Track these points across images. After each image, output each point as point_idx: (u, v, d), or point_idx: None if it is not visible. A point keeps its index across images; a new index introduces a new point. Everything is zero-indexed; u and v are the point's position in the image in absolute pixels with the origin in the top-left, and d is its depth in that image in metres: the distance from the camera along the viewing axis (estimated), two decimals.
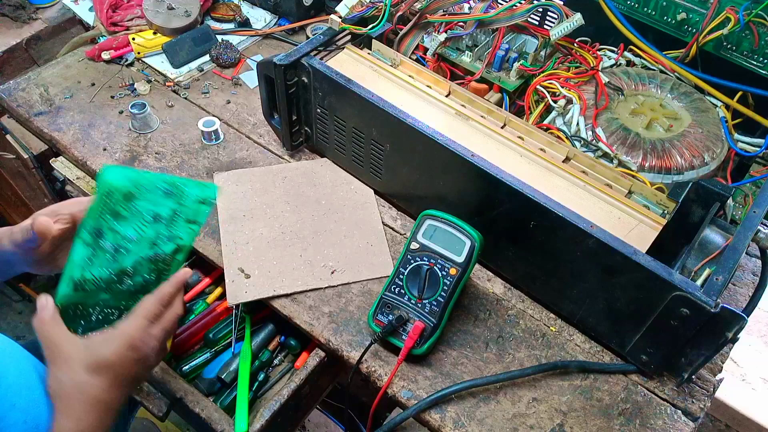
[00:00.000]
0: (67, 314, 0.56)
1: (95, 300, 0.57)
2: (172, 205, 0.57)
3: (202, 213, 0.59)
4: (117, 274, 0.57)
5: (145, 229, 0.57)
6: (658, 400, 0.64)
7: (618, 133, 0.73)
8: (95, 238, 0.55)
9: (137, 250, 0.57)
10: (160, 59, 1.00)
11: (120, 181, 0.55)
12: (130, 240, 0.57)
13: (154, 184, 0.57)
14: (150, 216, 0.57)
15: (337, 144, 0.81)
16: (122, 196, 0.55)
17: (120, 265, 0.57)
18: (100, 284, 0.57)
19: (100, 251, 0.56)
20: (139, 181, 0.56)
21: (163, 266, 0.59)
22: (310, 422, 1.35)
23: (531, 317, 0.71)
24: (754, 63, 0.78)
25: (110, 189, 0.55)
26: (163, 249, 0.58)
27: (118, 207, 0.56)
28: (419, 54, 0.84)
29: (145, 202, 0.56)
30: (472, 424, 0.62)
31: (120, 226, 0.56)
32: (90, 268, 0.56)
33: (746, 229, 0.58)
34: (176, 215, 0.58)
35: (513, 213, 0.64)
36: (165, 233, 0.58)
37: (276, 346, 0.77)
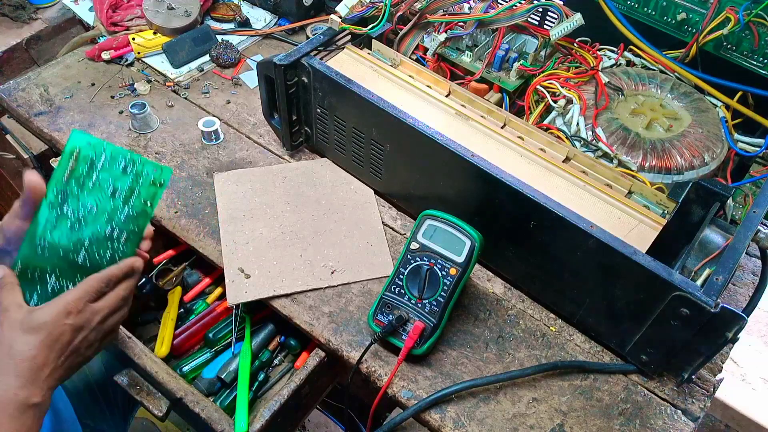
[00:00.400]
0: (26, 276, 0.58)
1: (53, 266, 0.58)
2: (129, 182, 0.60)
3: (156, 196, 0.61)
4: (74, 244, 0.59)
5: (104, 202, 0.59)
6: (658, 400, 0.64)
7: (618, 133, 0.73)
8: (60, 203, 0.57)
9: (95, 222, 0.59)
10: (160, 59, 1.00)
11: (86, 148, 0.58)
12: (90, 211, 0.59)
13: (114, 156, 0.59)
14: (108, 190, 0.59)
15: (337, 144, 0.81)
16: (87, 163, 0.58)
17: (78, 235, 0.59)
18: (59, 251, 0.58)
19: (63, 217, 0.58)
20: (102, 150, 0.59)
21: (117, 246, 0.60)
22: (310, 422, 1.35)
23: (531, 317, 0.71)
24: (754, 63, 0.78)
25: (77, 153, 0.57)
26: (119, 227, 0.60)
27: (82, 174, 0.58)
28: (419, 54, 0.84)
29: (105, 173, 0.59)
30: (472, 424, 0.62)
31: (82, 195, 0.58)
32: (52, 231, 0.57)
33: (746, 229, 0.58)
34: (132, 193, 0.60)
35: (513, 213, 0.64)
36: (121, 210, 0.60)
37: (276, 346, 0.77)
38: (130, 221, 0.60)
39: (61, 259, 0.58)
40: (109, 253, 0.60)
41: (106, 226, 0.59)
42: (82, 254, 0.59)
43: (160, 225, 0.78)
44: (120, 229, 0.60)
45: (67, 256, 0.58)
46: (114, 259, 0.60)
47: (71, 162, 0.57)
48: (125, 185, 0.60)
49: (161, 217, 0.78)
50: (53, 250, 0.57)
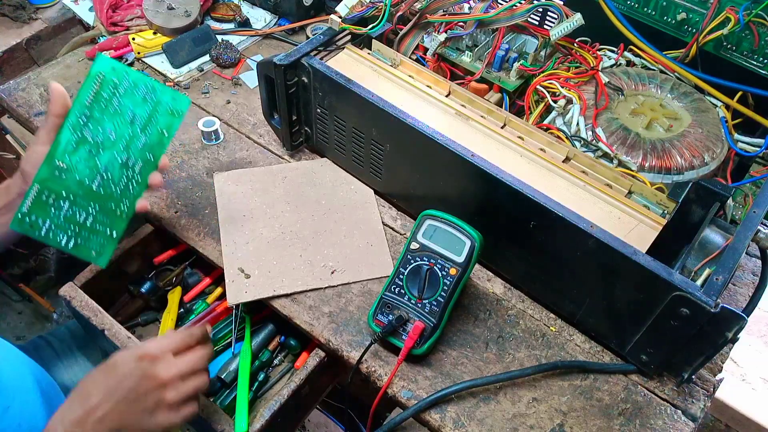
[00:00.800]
0: (40, 200, 0.58)
1: (68, 191, 0.59)
2: (149, 110, 0.61)
3: (172, 126, 0.62)
4: (91, 169, 0.60)
5: (123, 128, 0.60)
6: (658, 400, 0.64)
7: (618, 133, 0.73)
8: (82, 125, 0.58)
9: (113, 148, 0.60)
10: (160, 59, 1.00)
11: (111, 72, 0.59)
12: (109, 136, 0.60)
13: (136, 83, 0.60)
14: (128, 116, 0.60)
15: (337, 144, 0.81)
16: (110, 87, 0.59)
17: (95, 160, 0.60)
18: (75, 175, 0.59)
19: (83, 140, 0.59)
20: (126, 76, 0.60)
21: (132, 175, 0.61)
22: (310, 422, 1.35)
23: (531, 317, 0.71)
24: (754, 63, 0.78)
25: (102, 76, 0.58)
26: (135, 155, 0.61)
27: (106, 98, 0.59)
28: (419, 54, 0.85)
29: (127, 99, 0.60)
30: (472, 424, 0.62)
31: (102, 119, 0.59)
32: (71, 155, 0.58)
33: (746, 229, 0.58)
34: (150, 122, 0.61)
35: (513, 213, 0.64)
36: (139, 138, 0.61)
37: (276, 346, 0.77)
38: (147, 150, 0.61)
39: (77, 184, 0.59)
40: (124, 181, 0.61)
41: (123, 153, 0.60)
42: (97, 180, 0.60)
43: (161, 225, 0.78)
44: (136, 157, 0.61)
45: (83, 181, 0.59)
46: (128, 189, 0.61)
47: (95, 85, 0.58)
48: (144, 113, 0.61)
49: (161, 217, 0.78)
50: (70, 174, 0.59)
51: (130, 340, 0.69)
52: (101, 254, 0.64)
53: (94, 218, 0.61)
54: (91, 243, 0.62)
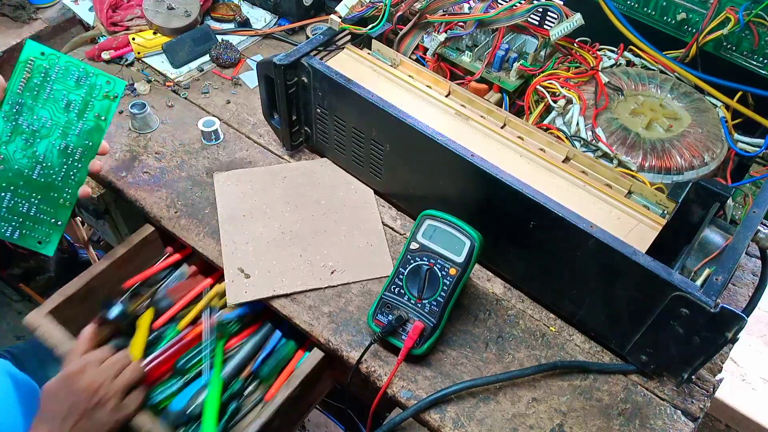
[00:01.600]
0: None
1: (8, 182, 0.59)
2: (83, 95, 0.60)
3: (110, 110, 0.61)
4: (29, 158, 0.59)
5: (58, 115, 0.60)
6: (658, 400, 0.64)
7: (618, 133, 0.73)
8: (15, 114, 0.58)
9: (49, 136, 0.60)
10: (160, 59, 1.00)
11: (40, 58, 0.58)
12: (44, 124, 0.59)
13: (68, 67, 0.59)
14: (62, 102, 0.60)
15: (337, 144, 0.81)
16: (41, 73, 0.58)
17: (32, 149, 0.59)
18: (13, 165, 0.59)
19: (17, 129, 0.58)
20: (56, 61, 0.59)
21: (72, 163, 0.61)
22: (310, 422, 1.35)
23: (531, 317, 0.71)
24: (754, 63, 0.78)
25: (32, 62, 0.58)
26: (74, 142, 0.60)
27: (36, 84, 0.58)
28: (419, 54, 0.85)
29: (59, 84, 0.59)
30: (471, 424, 0.62)
31: (36, 107, 0.59)
32: (7, 145, 0.58)
33: (746, 229, 0.58)
34: (86, 107, 0.60)
35: (513, 213, 0.64)
36: (76, 124, 0.60)
37: (248, 375, 0.73)
38: (85, 135, 0.61)
39: (16, 174, 0.59)
40: (65, 169, 0.60)
41: (61, 140, 0.60)
42: (37, 169, 0.60)
43: (161, 225, 0.78)
44: (75, 144, 0.60)
45: (21, 171, 0.59)
46: (69, 177, 0.60)
47: (25, 72, 0.58)
48: (79, 98, 0.60)
49: (161, 217, 0.78)
50: (7, 164, 0.58)
51: None
52: (47, 243, 0.64)
53: (37, 208, 0.61)
54: (37, 232, 0.63)
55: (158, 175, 0.83)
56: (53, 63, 0.59)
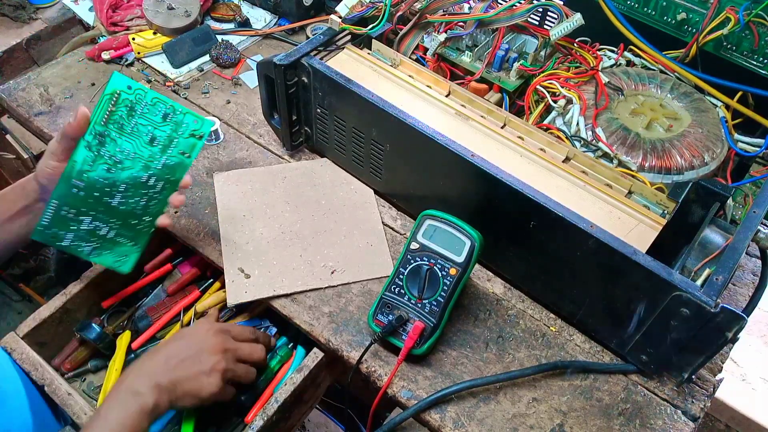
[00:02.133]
0: (58, 215, 0.58)
1: (88, 207, 0.59)
2: (168, 131, 0.59)
3: (195, 148, 0.61)
4: (110, 186, 0.59)
5: (142, 148, 0.59)
6: (658, 400, 0.64)
7: (618, 133, 0.73)
8: (98, 144, 0.57)
9: (132, 167, 0.59)
10: (160, 59, 1.00)
11: (127, 91, 0.57)
12: (127, 155, 0.59)
13: (154, 103, 0.58)
14: (147, 136, 0.59)
15: (337, 144, 0.81)
16: (126, 107, 0.57)
17: (114, 177, 0.59)
18: (94, 192, 0.58)
19: (100, 158, 0.58)
20: (143, 96, 0.58)
21: (152, 194, 0.60)
22: (310, 422, 1.35)
23: (531, 317, 0.71)
24: (754, 63, 0.78)
25: (117, 95, 0.57)
26: (156, 175, 0.60)
27: (121, 117, 0.58)
28: (419, 54, 0.85)
29: (144, 120, 0.58)
30: (472, 424, 0.62)
31: (120, 139, 0.58)
32: (89, 172, 0.58)
33: (746, 229, 0.58)
34: (171, 143, 0.60)
35: (513, 213, 0.64)
36: (159, 158, 0.60)
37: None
38: (167, 170, 0.60)
39: (97, 200, 0.59)
40: (145, 200, 0.60)
41: (143, 172, 0.59)
42: (117, 198, 0.59)
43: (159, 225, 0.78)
44: (157, 177, 0.60)
45: (102, 197, 0.59)
46: (148, 207, 0.60)
47: (110, 105, 0.57)
48: (164, 134, 0.59)
49: None
50: (89, 191, 0.58)
51: (70, 397, 0.66)
52: (124, 263, 0.64)
53: (117, 232, 0.61)
54: (114, 253, 0.62)
55: None
56: (140, 98, 0.58)
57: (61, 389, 0.66)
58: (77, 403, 0.66)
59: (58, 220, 0.58)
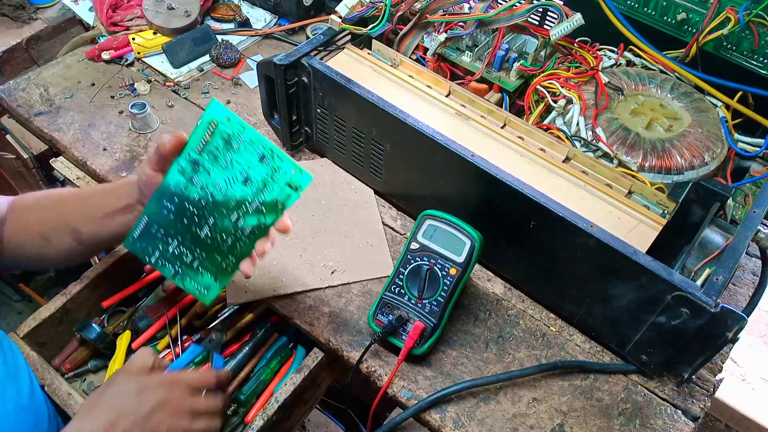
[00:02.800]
0: (150, 231, 0.57)
1: (176, 231, 0.57)
2: (264, 174, 0.56)
3: (289, 198, 0.56)
4: (199, 218, 0.57)
5: (235, 187, 0.56)
6: (658, 400, 0.64)
7: (618, 133, 0.73)
8: (192, 170, 0.56)
9: (223, 204, 0.57)
10: (160, 59, 1.00)
11: (224, 123, 0.54)
12: (219, 190, 0.56)
13: (253, 141, 0.55)
14: (241, 175, 0.56)
15: (337, 144, 0.81)
16: (222, 138, 0.55)
17: (204, 210, 0.57)
18: (184, 217, 0.57)
19: (192, 186, 0.56)
20: (241, 131, 0.55)
21: (239, 236, 0.57)
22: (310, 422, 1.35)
23: (531, 317, 0.71)
24: (754, 63, 0.78)
25: (215, 125, 0.54)
26: (245, 218, 0.57)
27: (217, 149, 0.55)
28: (419, 54, 0.84)
29: (239, 157, 0.55)
30: (472, 424, 0.62)
31: (213, 171, 0.56)
32: (180, 197, 0.56)
33: (746, 229, 0.58)
34: (265, 188, 0.56)
35: (513, 213, 0.64)
36: (251, 202, 0.56)
37: (229, 397, 0.70)
38: (258, 216, 0.57)
39: (185, 227, 0.57)
40: (231, 239, 0.58)
41: (233, 212, 0.57)
42: (206, 230, 0.57)
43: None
44: (246, 220, 0.57)
45: (191, 226, 0.57)
46: (234, 248, 0.58)
47: (207, 133, 0.54)
48: (260, 176, 0.55)
49: None
50: (178, 216, 0.57)
51: (70, 397, 0.65)
52: (205, 295, 0.61)
53: (200, 263, 0.59)
54: (197, 282, 0.60)
55: None
56: (237, 133, 0.54)
57: (61, 389, 0.66)
58: (77, 403, 0.65)
59: (147, 235, 0.57)
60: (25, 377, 0.62)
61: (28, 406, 0.60)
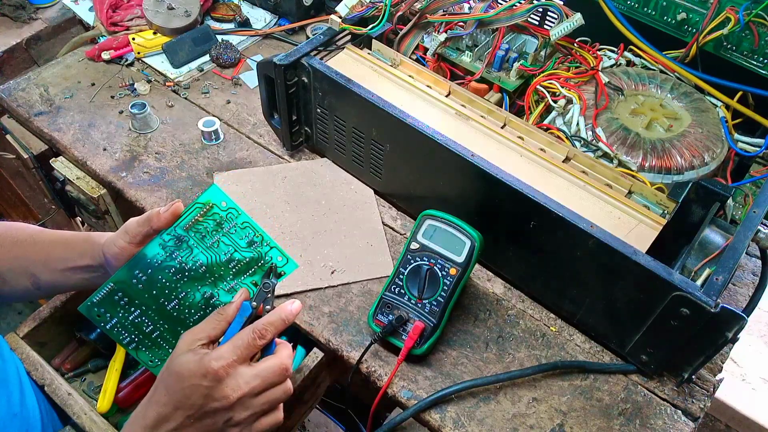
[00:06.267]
0: (111, 297, 0.56)
1: (141, 301, 0.56)
2: (248, 258, 0.56)
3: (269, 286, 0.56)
4: (170, 290, 0.56)
5: (215, 266, 0.56)
6: (658, 400, 0.64)
7: (618, 133, 0.73)
8: (174, 246, 0.55)
9: (200, 280, 0.56)
10: (160, 59, 1.00)
11: (220, 208, 0.55)
12: (199, 268, 0.56)
13: (244, 227, 0.56)
14: (225, 256, 0.56)
15: (337, 144, 0.81)
16: (214, 221, 0.55)
17: (177, 284, 0.56)
18: (154, 289, 0.56)
19: (171, 260, 0.55)
20: (235, 216, 0.55)
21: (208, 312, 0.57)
22: (310, 422, 1.35)
23: (531, 317, 0.71)
24: (754, 63, 0.78)
25: (209, 207, 0.54)
26: (219, 295, 0.57)
27: (206, 228, 0.55)
28: (419, 54, 0.85)
29: (228, 239, 0.56)
30: (472, 424, 0.62)
31: (196, 250, 0.55)
32: (154, 271, 0.55)
33: (746, 229, 0.58)
34: (247, 271, 0.57)
35: (513, 213, 0.64)
36: (229, 281, 0.57)
37: None
38: (233, 294, 0.57)
39: (153, 298, 0.56)
40: (199, 315, 0.57)
41: (209, 289, 0.57)
42: (173, 303, 0.57)
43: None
44: (220, 298, 0.57)
45: (159, 298, 0.56)
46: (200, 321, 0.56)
47: (199, 214, 0.54)
48: (244, 259, 0.56)
49: None
50: (148, 287, 0.56)
51: (70, 397, 0.65)
52: (158, 365, 0.59)
53: (160, 334, 0.58)
54: (152, 353, 0.59)
55: (158, 175, 0.83)
56: (231, 217, 0.55)
57: (61, 389, 0.66)
58: (77, 403, 0.65)
59: (108, 302, 0.55)
60: (15, 385, 0.61)
61: (19, 414, 0.60)
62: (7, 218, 1.44)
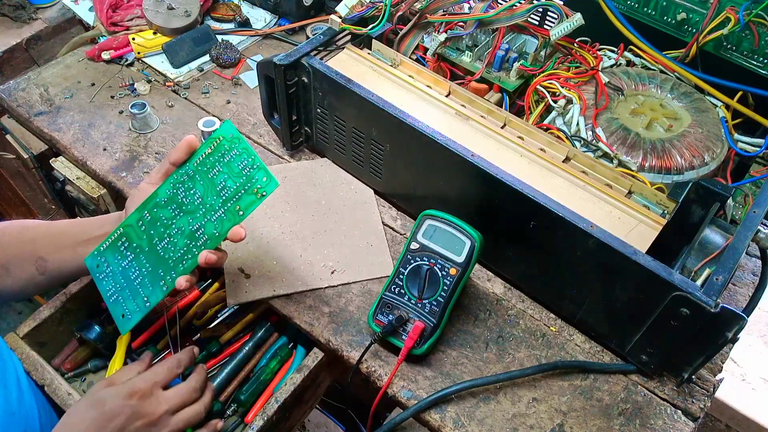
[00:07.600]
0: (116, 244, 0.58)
1: (138, 242, 0.58)
2: (238, 184, 0.57)
3: (252, 205, 0.57)
4: (165, 228, 0.58)
5: (210, 195, 0.58)
6: (658, 400, 0.64)
7: (618, 133, 0.73)
8: (181, 183, 0.57)
9: (192, 213, 0.58)
10: (160, 59, 1.00)
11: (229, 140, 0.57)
12: (195, 200, 0.58)
13: (240, 153, 0.57)
14: (219, 185, 0.57)
15: (337, 144, 0.81)
16: (220, 153, 0.57)
17: (172, 222, 0.58)
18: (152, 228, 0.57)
19: (174, 198, 0.57)
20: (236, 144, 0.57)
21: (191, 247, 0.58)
22: (310, 422, 1.35)
23: (531, 317, 0.71)
24: (754, 63, 0.78)
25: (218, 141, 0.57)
26: (205, 228, 0.58)
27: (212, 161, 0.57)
28: (419, 54, 0.85)
29: (226, 168, 0.57)
30: (472, 424, 0.62)
31: (198, 181, 0.57)
32: (160, 209, 0.57)
33: (746, 229, 0.58)
34: (235, 197, 0.57)
35: (513, 213, 0.64)
36: (218, 209, 0.58)
37: (228, 397, 0.71)
38: (218, 223, 0.57)
39: (149, 238, 0.58)
40: (182, 251, 0.58)
41: (198, 221, 0.58)
42: (164, 242, 0.58)
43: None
44: (205, 229, 0.58)
45: (154, 237, 0.58)
46: (181, 260, 0.57)
47: (209, 147, 0.57)
48: (234, 186, 0.57)
49: None
50: (149, 227, 0.57)
51: (70, 397, 0.65)
52: (127, 320, 0.60)
53: (141, 280, 0.59)
54: (127, 304, 0.60)
55: None
56: (233, 146, 0.56)
57: (61, 389, 0.66)
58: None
59: (112, 249, 0.56)
60: (13, 384, 0.62)
61: (17, 412, 0.60)
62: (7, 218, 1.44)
